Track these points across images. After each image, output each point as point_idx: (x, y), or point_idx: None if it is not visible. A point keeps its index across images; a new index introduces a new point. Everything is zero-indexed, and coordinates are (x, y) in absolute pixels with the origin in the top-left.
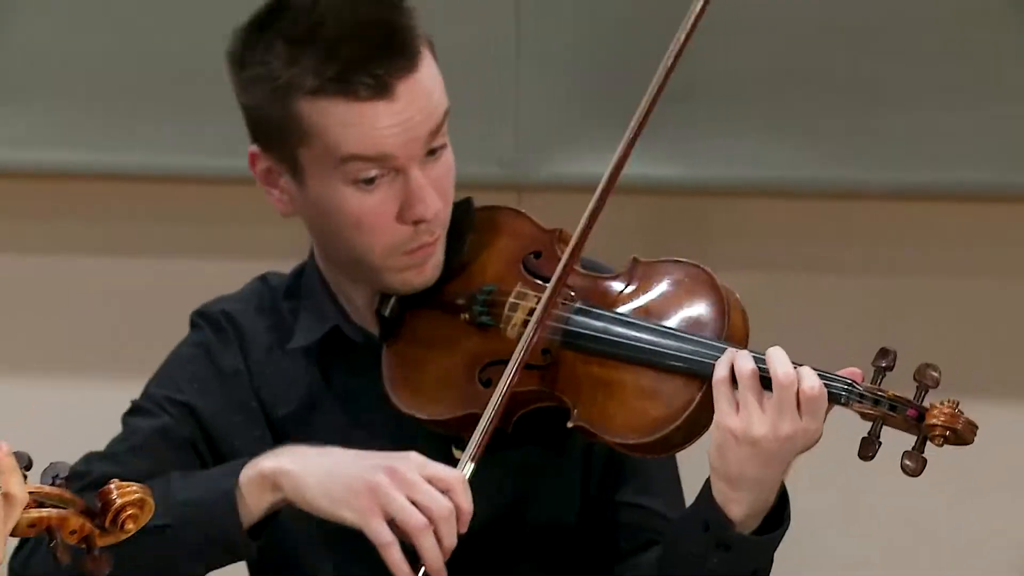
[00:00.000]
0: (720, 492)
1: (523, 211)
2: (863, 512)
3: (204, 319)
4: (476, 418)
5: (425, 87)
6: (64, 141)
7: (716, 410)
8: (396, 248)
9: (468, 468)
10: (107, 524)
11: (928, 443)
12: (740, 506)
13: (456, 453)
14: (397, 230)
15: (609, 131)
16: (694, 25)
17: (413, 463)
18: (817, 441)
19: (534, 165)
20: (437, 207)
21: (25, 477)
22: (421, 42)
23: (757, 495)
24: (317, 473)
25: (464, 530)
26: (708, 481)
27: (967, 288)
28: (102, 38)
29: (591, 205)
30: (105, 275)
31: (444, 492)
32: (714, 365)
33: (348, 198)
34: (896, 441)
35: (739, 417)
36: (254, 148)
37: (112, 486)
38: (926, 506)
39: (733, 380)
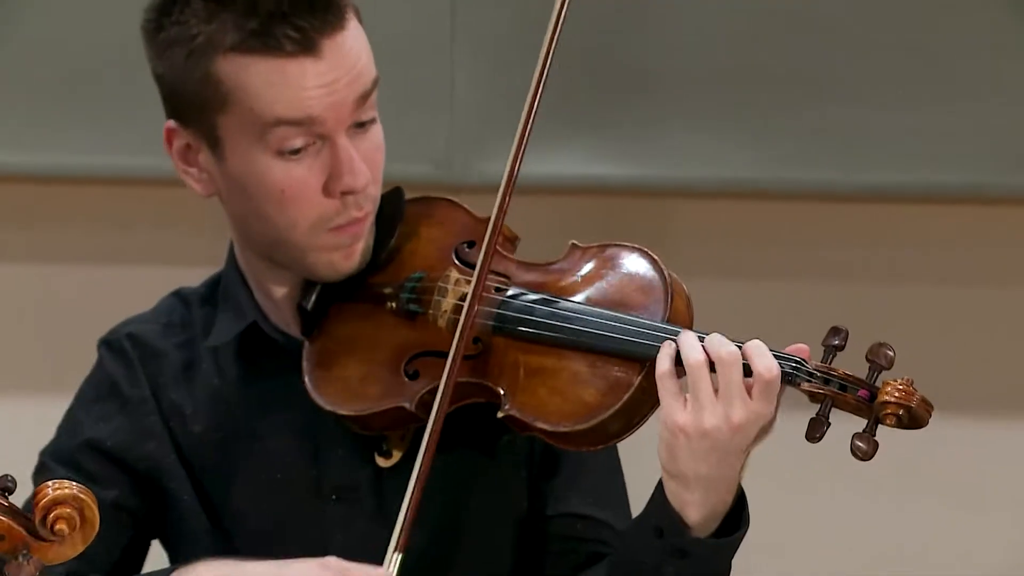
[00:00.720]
0: (673, 494)
1: (456, 200)
2: (823, 514)
3: (107, 347)
4: (401, 412)
5: (352, 48)
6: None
7: (662, 405)
8: (322, 223)
9: (395, 562)
10: (36, 525)
11: (880, 424)
12: (696, 508)
13: (379, 460)
14: (323, 203)
15: (547, 130)
16: (558, 25)
17: (334, 569)
18: (770, 429)
19: (469, 165)
20: (367, 178)
21: None
22: (348, 5)
23: (713, 495)
24: None
25: None
26: (659, 484)
27: (935, 294)
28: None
29: (505, 177)
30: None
31: None
32: (655, 348)
33: (271, 169)
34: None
35: (687, 410)
36: (171, 124)
37: (47, 483)
38: (888, 508)
39: (678, 371)
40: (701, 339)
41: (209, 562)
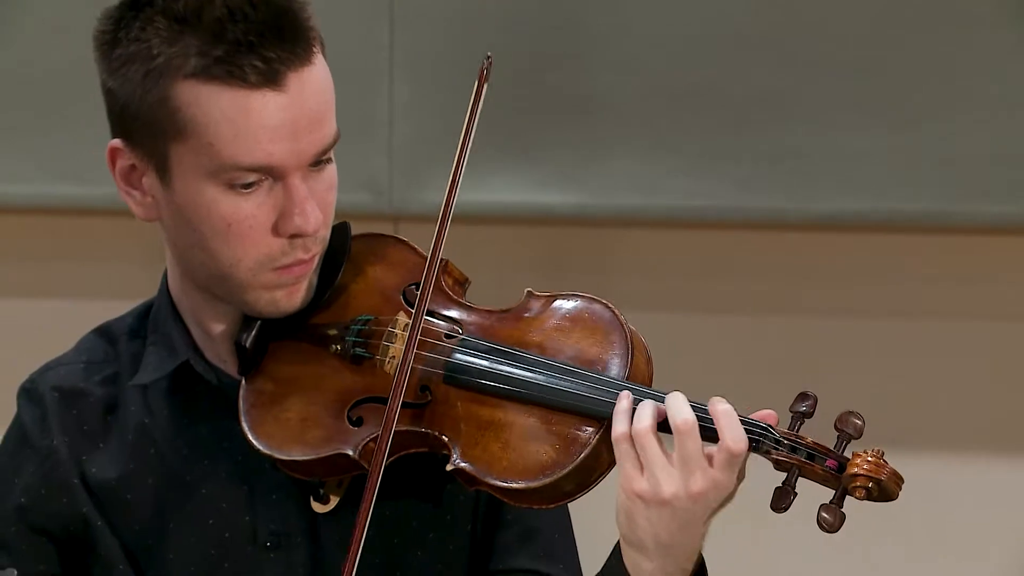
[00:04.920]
0: (631, 561)
1: (404, 239)
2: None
3: (26, 395)
4: (344, 459)
5: (318, 86)
6: None
7: (620, 471)
8: (266, 263)
9: None
10: None
11: (848, 496)
12: None
13: (315, 506)
14: (270, 242)
15: (489, 157)
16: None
17: None
18: (732, 497)
19: (408, 194)
20: (318, 222)
21: None
22: (315, 37)
23: (671, 563)
24: None
25: None
26: (615, 549)
27: (886, 325)
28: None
29: (439, 219)
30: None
31: None
32: (613, 405)
33: (220, 202)
34: (813, 494)
35: (645, 476)
36: (116, 143)
37: None
38: (848, 557)
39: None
40: (660, 399)
41: None
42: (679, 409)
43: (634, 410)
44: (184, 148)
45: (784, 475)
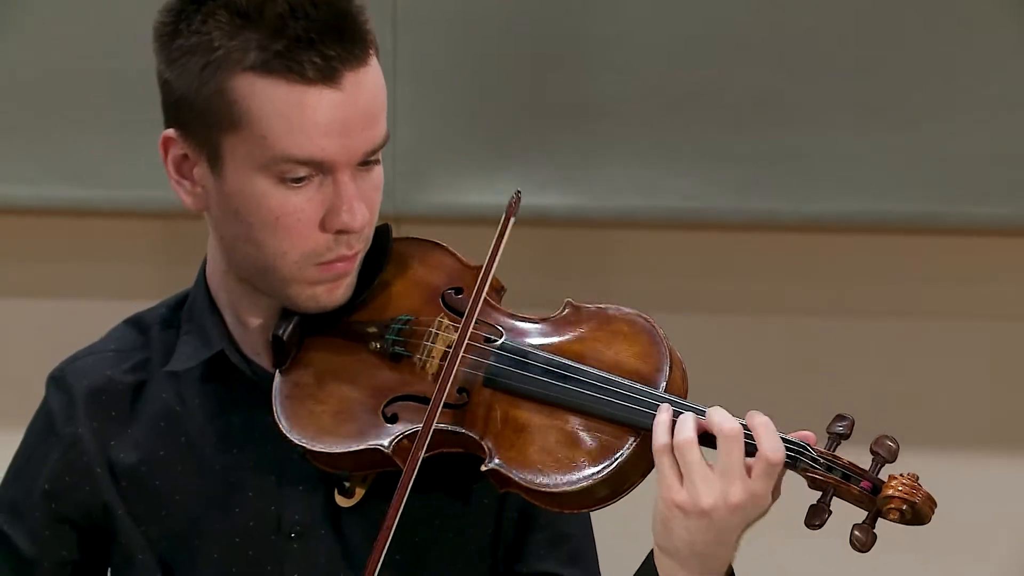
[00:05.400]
0: (666, 570)
1: (444, 244)
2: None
3: (53, 382)
4: (376, 454)
5: (372, 88)
6: None
7: (660, 482)
8: (311, 257)
9: None
10: None
11: (881, 518)
12: None
13: (339, 499)
14: (316, 237)
15: (489, 159)
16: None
17: None
18: (767, 510)
19: (409, 196)
20: (365, 219)
21: None
22: (372, 42)
23: (706, 573)
24: None
25: None
26: (649, 558)
27: (879, 326)
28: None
29: (498, 231)
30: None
31: None
32: (651, 416)
33: (269, 195)
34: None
35: (685, 487)
36: (170, 132)
37: None
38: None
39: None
40: (701, 414)
41: None
42: (724, 418)
43: (674, 423)
44: (237, 139)
45: (819, 494)
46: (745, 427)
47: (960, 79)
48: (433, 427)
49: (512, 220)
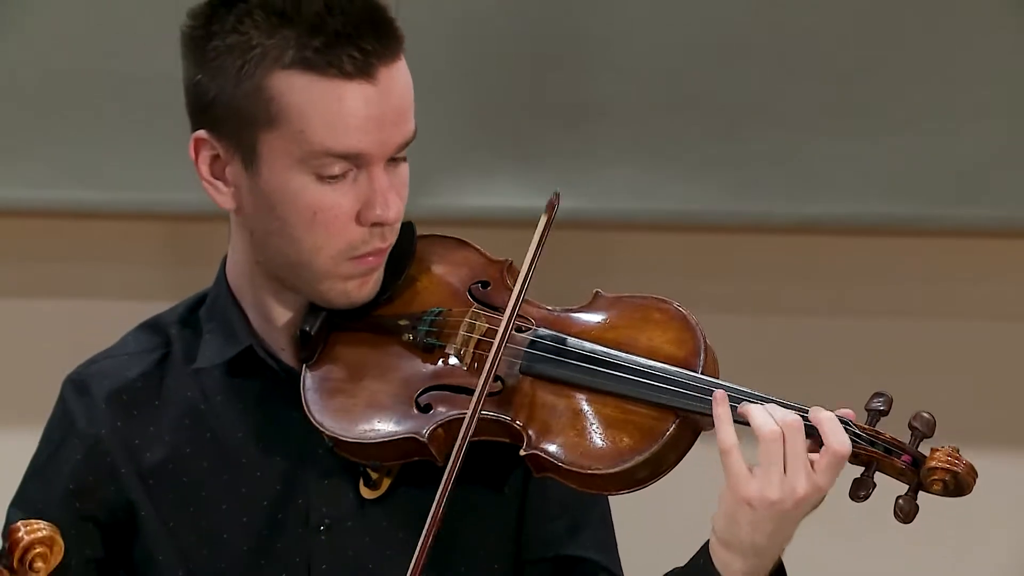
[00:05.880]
0: (723, 562)
1: (468, 241)
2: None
3: (71, 385)
4: (412, 443)
5: (404, 82)
6: None
7: (728, 476)
8: (346, 251)
9: None
10: (15, 564)
11: (922, 491)
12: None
13: (364, 491)
14: (352, 231)
15: (491, 163)
16: (542, 242)
17: None
18: (822, 500)
19: (415, 198)
20: (399, 210)
21: None
22: (402, 37)
23: (760, 563)
24: None
25: None
26: (705, 551)
27: (876, 328)
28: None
29: (541, 230)
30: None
31: None
32: (694, 400)
33: (307, 190)
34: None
35: (756, 480)
36: (201, 133)
37: (19, 524)
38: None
39: None
40: (756, 398)
41: None
42: (786, 412)
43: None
44: (275, 135)
45: (862, 468)
46: (806, 418)
47: (951, 83)
48: (478, 416)
49: (554, 216)
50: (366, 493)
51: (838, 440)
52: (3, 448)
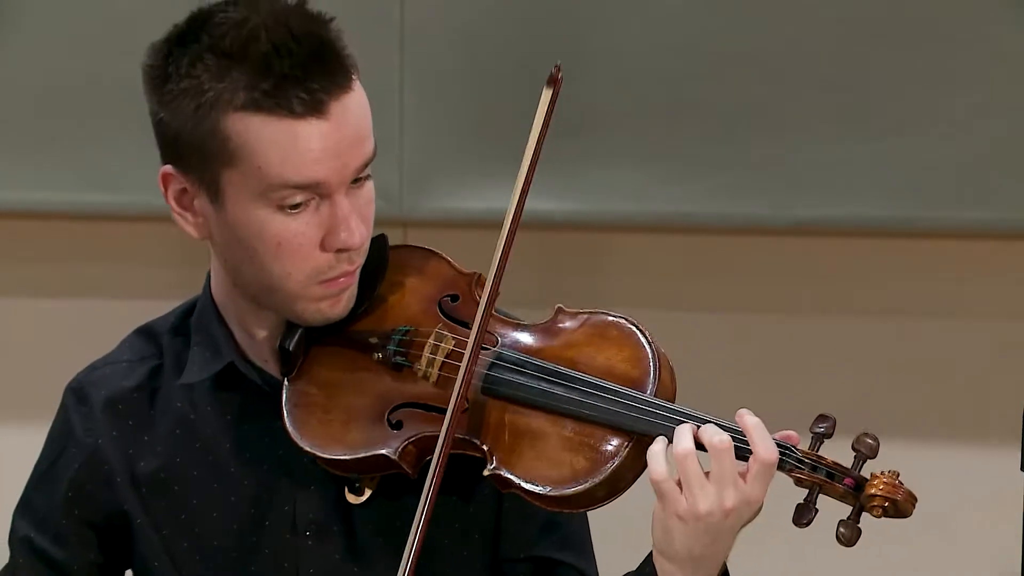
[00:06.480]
0: (666, 572)
1: (439, 252)
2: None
3: (72, 394)
4: (381, 460)
5: (357, 110)
6: None
7: (661, 499)
8: (314, 276)
9: None
10: None
11: (864, 513)
12: None
13: (349, 497)
14: (317, 257)
15: (494, 166)
16: (548, 119)
17: None
18: (760, 510)
19: (419, 200)
20: (364, 235)
21: None
22: (352, 64)
23: (702, 571)
24: None
25: None
26: (648, 559)
27: (863, 327)
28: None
29: (499, 250)
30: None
31: None
32: (644, 423)
33: (270, 222)
34: (829, 509)
35: (684, 496)
36: (168, 168)
37: None
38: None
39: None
40: (697, 421)
41: None
42: (715, 431)
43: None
44: (235, 173)
45: (805, 492)
46: (737, 433)
47: (933, 92)
48: (431, 433)
49: (558, 91)
50: (351, 499)
51: (765, 448)
52: (26, 445)
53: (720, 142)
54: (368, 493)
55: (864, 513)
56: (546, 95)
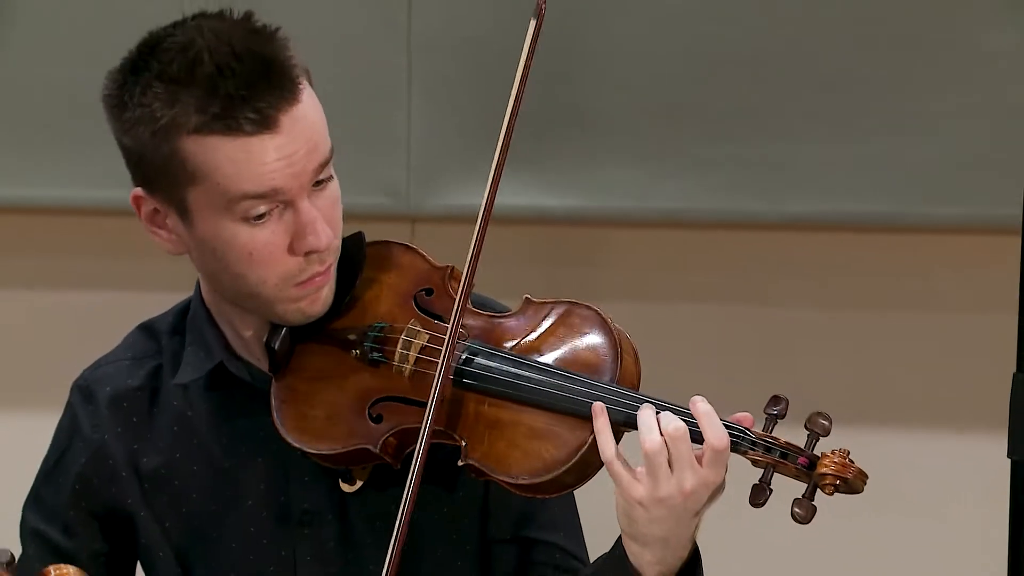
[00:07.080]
0: (633, 554)
1: (415, 247)
2: (759, 556)
3: (78, 391)
4: (365, 452)
5: (308, 118)
6: None
7: (617, 482)
8: (288, 279)
9: None
10: None
11: (818, 491)
12: (652, 566)
13: (344, 486)
14: (289, 261)
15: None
16: (532, 48)
17: None
18: (722, 489)
19: (426, 196)
20: (329, 237)
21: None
22: (300, 72)
23: (669, 553)
24: None
25: None
26: (618, 542)
27: (855, 319)
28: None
29: (473, 243)
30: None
31: None
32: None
33: (239, 234)
34: (787, 487)
35: (641, 483)
36: (138, 191)
37: (50, 568)
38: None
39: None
40: (656, 407)
41: None
42: (670, 419)
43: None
44: (198, 191)
45: (760, 472)
46: (691, 418)
47: (918, 95)
48: (409, 426)
49: (541, 24)
50: (344, 488)
51: (715, 435)
52: (31, 435)
53: (717, 140)
54: (360, 483)
55: (819, 490)
56: (532, 27)
